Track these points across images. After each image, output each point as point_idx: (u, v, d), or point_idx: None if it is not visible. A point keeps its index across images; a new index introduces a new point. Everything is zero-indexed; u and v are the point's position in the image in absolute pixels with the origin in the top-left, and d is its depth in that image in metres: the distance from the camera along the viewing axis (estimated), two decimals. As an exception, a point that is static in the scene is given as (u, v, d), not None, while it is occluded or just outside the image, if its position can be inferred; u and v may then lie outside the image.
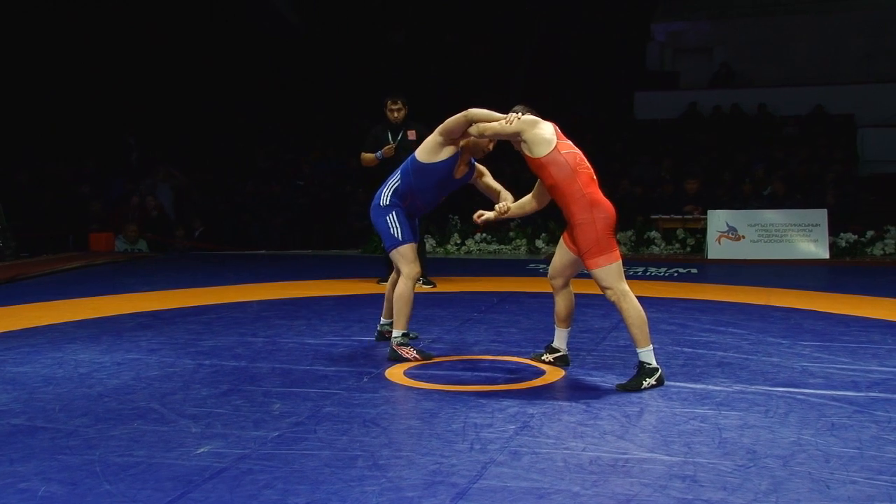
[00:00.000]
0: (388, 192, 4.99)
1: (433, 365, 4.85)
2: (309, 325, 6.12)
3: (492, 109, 4.68)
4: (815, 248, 10.75)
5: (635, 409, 3.92)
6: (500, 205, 4.78)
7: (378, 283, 7.92)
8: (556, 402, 4.08)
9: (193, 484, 2.99)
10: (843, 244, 11.00)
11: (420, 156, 4.87)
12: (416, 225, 5.19)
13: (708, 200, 11.73)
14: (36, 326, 6.07)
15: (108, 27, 15.00)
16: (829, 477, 3.04)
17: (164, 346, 5.37)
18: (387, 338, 5.29)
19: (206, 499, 2.86)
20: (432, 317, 6.37)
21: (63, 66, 14.66)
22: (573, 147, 4.45)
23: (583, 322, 5.89)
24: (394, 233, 4.93)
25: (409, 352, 4.91)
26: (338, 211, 13.60)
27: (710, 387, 4.30)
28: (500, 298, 7.39)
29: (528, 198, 4.73)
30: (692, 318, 6.32)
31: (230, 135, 15.82)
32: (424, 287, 7.77)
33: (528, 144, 4.39)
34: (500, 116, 4.58)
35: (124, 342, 5.50)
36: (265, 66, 16.72)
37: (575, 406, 3.99)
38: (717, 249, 10.90)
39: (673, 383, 4.34)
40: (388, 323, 5.40)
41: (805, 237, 10.82)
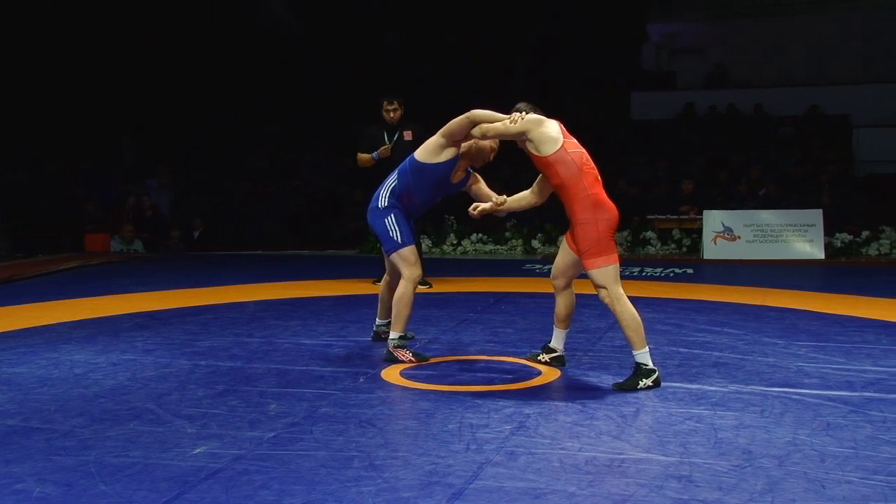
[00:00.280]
0: (386, 193, 4.97)
1: (429, 365, 4.85)
2: (305, 325, 6.12)
3: (491, 110, 4.65)
4: (810, 248, 10.78)
5: (631, 409, 3.93)
6: (497, 197, 4.78)
7: (374, 283, 7.91)
8: (552, 403, 4.09)
9: (189, 484, 2.99)
10: (839, 244, 11.03)
11: (420, 155, 4.87)
12: (414, 226, 5.19)
13: (704, 200, 11.75)
14: (32, 327, 6.05)
15: (107, 27, 14.97)
16: (825, 477, 3.05)
17: (160, 347, 5.36)
18: (383, 338, 5.28)
19: (201, 499, 2.86)
20: (428, 317, 6.38)
21: (60, 66, 14.62)
22: (579, 146, 4.43)
23: (579, 322, 5.89)
24: (393, 235, 4.91)
25: (406, 354, 4.90)
26: (334, 211, 13.60)
27: (706, 387, 4.31)
28: (497, 299, 7.40)
29: (526, 192, 4.73)
30: (688, 319, 6.33)
31: (226, 135, 15.79)
32: (421, 287, 7.75)
33: (535, 143, 4.37)
34: (503, 117, 4.53)
35: (120, 343, 5.50)
36: (262, 66, 16.70)
37: (571, 406, 4.00)
38: (712, 250, 10.92)
39: (669, 383, 4.35)
40: (383, 323, 5.40)
41: (800, 237, 10.84)
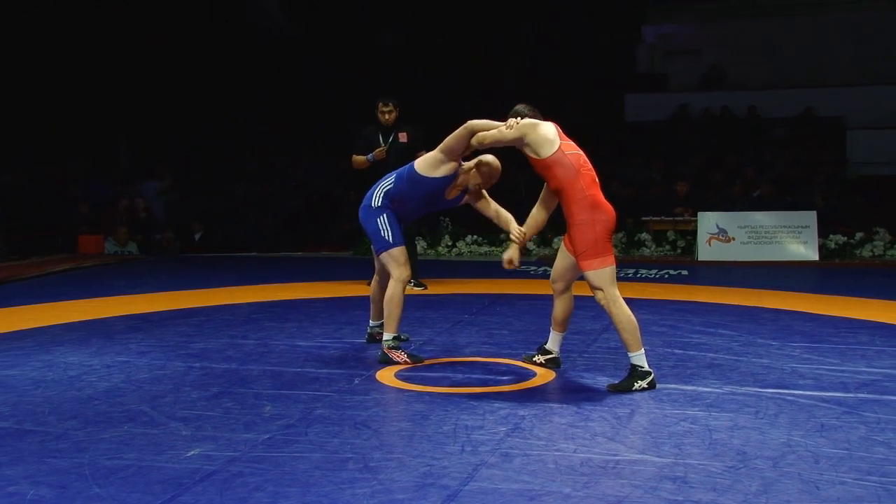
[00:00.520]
0: (380, 193, 4.97)
1: (424, 367, 4.84)
2: (300, 327, 6.11)
3: (485, 113, 4.66)
4: (804, 249, 10.80)
5: (626, 410, 3.93)
6: (515, 234, 4.68)
7: (368, 284, 7.89)
8: (547, 404, 4.09)
9: (183, 487, 2.98)
10: (833, 246, 11.06)
11: (419, 166, 4.86)
12: (404, 228, 5.18)
13: (698, 202, 11.77)
14: (25, 329, 6.04)
15: (104, 27, 14.93)
16: (819, 478, 3.05)
17: (154, 349, 5.35)
18: (377, 340, 5.28)
19: (196, 502, 2.86)
20: (423, 319, 6.37)
21: (57, 66, 14.58)
22: (576, 148, 4.44)
23: (574, 324, 5.85)
24: (384, 235, 4.91)
25: (400, 355, 4.90)
26: (329, 213, 13.58)
27: (701, 388, 4.32)
28: (492, 300, 7.40)
29: (536, 210, 4.64)
30: (682, 320, 6.33)
31: (223, 136, 15.76)
32: (415, 289, 7.76)
33: (533, 146, 4.37)
34: (499, 124, 4.53)
35: (114, 345, 5.48)
36: (259, 68, 16.67)
37: (566, 408, 4.00)
38: (707, 251, 10.94)
39: (663, 385, 4.35)
40: (377, 325, 5.40)
41: (795, 239, 10.86)
